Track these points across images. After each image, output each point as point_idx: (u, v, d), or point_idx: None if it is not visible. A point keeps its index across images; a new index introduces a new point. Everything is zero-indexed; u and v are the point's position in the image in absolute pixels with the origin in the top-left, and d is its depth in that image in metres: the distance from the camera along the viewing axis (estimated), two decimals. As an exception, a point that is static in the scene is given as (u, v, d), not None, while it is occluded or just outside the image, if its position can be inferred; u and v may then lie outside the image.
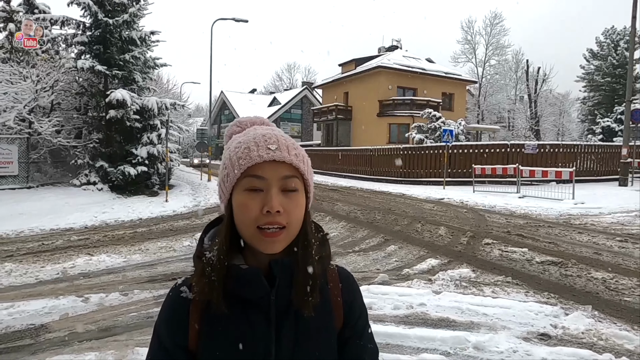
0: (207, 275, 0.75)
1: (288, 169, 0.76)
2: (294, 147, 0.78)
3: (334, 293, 0.84)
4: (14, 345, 3.39)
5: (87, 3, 12.66)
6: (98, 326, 3.77)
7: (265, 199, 0.73)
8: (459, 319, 3.83)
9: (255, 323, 0.77)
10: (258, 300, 0.77)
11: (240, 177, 0.75)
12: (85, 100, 13.97)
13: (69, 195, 11.71)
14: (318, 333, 0.80)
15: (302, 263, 0.78)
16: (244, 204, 0.74)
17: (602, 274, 5.19)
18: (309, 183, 0.80)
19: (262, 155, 0.74)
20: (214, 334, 0.77)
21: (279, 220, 0.73)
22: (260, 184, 0.74)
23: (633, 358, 3.13)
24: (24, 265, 5.69)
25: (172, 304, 0.80)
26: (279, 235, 0.73)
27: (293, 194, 0.75)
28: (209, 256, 0.77)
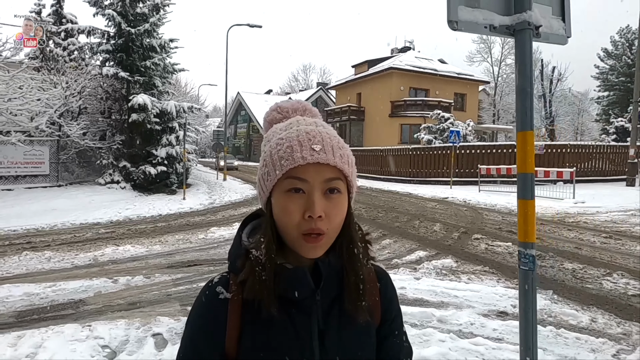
0: (257, 274, 0.72)
1: (332, 172, 0.72)
2: (339, 146, 0.74)
3: (372, 293, 0.81)
4: (59, 314, 4.14)
5: (111, 14, 13.60)
6: (126, 301, 4.51)
7: (308, 204, 0.70)
8: (431, 299, 4.43)
9: (299, 324, 0.74)
10: (302, 301, 0.74)
11: (281, 178, 0.71)
12: (109, 104, 14.94)
13: (95, 193, 12.65)
14: (360, 333, 0.78)
15: (351, 267, 0.76)
16: (285, 207, 0.71)
17: (574, 265, 5.70)
18: (352, 184, 0.77)
19: (306, 157, 0.70)
20: (256, 337, 0.74)
21: (319, 226, 0.70)
22: (303, 186, 0.71)
23: (573, 330, 3.69)
24: (60, 253, 6.51)
25: (208, 304, 0.77)
26: (320, 240, 0.71)
27: (335, 197, 0.72)
28: (256, 255, 0.74)
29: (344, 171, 0.73)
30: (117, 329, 3.69)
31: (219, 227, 8.73)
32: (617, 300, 4.42)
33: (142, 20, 14.35)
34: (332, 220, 0.71)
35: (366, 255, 0.80)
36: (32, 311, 4.22)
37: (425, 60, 32.95)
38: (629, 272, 5.33)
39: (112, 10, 13.87)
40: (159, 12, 14.74)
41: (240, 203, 12.97)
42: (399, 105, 29.90)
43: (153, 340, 3.53)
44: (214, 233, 8.07)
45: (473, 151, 18.23)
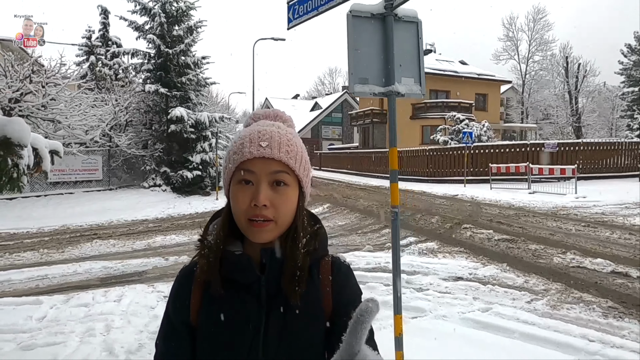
0: (205, 256, 0.83)
1: (278, 165, 0.80)
2: (287, 144, 0.82)
3: (323, 284, 0.87)
4: (130, 279, 5.69)
5: (152, 38, 15.48)
6: (176, 271, 5.94)
7: (254, 193, 0.78)
8: (407, 269, 5.69)
9: (247, 304, 0.82)
10: (250, 285, 0.82)
11: (234, 171, 0.81)
12: (150, 116, 16.84)
13: (141, 195, 14.50)
14: (305, 318, 0.83)
15: (290, 254, 0.82)
16: (235, 196, 0.81)
17: (537, 246, 6.81)
18: (302, 178, 0.84)
19: (253, 152, 0.79)
20: (211, 311, 0.83)
21: (265, 214, 0.78)
22: (251, 178, 0.79)
23: (507, 287, 4.87)
24: (121, 241, 8.17)
25: (178, 282, 0.90)
26: (266, 226, 0.79)
27: (282, 189, 0.80)
28: (209, 239, 0.85)
29: (289, 165, 0.80)
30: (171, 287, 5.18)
31: (246, 221, 10.24)
32: (555, 270, 5.56)
33: (178, 42, 16.16)
34: (278, 209, 0.79)
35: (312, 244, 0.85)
36: (111, 277, 5.80)
37: (446, 62, 33.68)
38: (582, 251, 6.40)
39: (152, 34, 15.76)
40: (192, 34, 16.51)
41: (266, 202, 14.51)
42: (419, 107, 30.82)
43: (198, 293, 4.99)
44: (242, 226, 9.59)
45: (486, 151, 19.07)
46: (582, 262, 5.81)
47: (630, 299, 4.48)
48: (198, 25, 16.67)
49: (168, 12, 16.07)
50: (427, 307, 4.23)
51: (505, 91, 52.01)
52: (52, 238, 8.68)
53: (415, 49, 2.90)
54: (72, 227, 9.90)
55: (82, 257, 7.01)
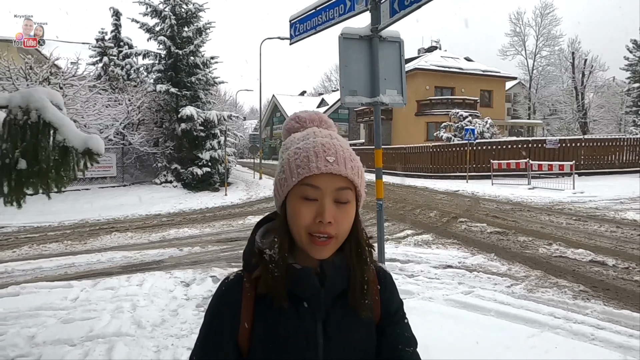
0: (270, 271, 0.80)
1: (343, 182, 0.79)
2: (351, 159, 0.81)
3: (373, 292, 0.88)
4: (149, 267, 6.25)
5: (163, 40, 16.06)
6: (190, 260, 6.58)
7: (319, 209, 0.77)
8: (401, 259, 6.20)
9: (305, 316, 0.82)
10: (308, 298, 0.82)
11: (296, 185, 0.79)
12: (161, 115, 17.45)
13: (153, 191, 15.12)
14: (360, 327, 0.85)
15: (359, 268, 0.84)
16: (298, 211, 0.79)
17: (526, 237, 7.26)
18: (361, 194, 0.84)
19: (320, 167, 0.77)
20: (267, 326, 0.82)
21: (329, 231, 0.77)
22: (315, 194, 0.78)
23: (491, 274, 5.35)
24: (138, 234, 8.76)
25: (224, 299, 0.85)
26: (328, 243, 0.78)
27: (345, 206, 0.80)
28: (269, 254, 0.81)
29: (354, 182, 0.80)
30: (188, 274, 5.73)
31: (254, 215, 10.78)
32: (538, 259, 6.02)
33: (188, 43, 16.72)
34: (340, 226, 0.79)
35: (370, 258, 0.87)
36: (131, 265, 6.37)
37: (451, 59, 33.90)
38: (567, 242, 6.84)
39: (163, 35, 16.33)
40: (201, 35, 17.06)
41: (272, 198, 15.00)
42: (424, 104, 31.13)
43: (211, 279, 5.52)
44: (251, 220, 10.13)
45: (489, 147, 19.40)
46: (565, 252, 6.27)
47: (601, 284, 4.94)
48: (207, 27, 17.21)
49: (178, 14, 16.62)
50: (415, 290, 4.73)
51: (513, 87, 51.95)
52: (73, 231, 9.30)
53: (398, 64, 3.40)
54: (90, 221, 10.52)
55: (103, 247, 7.60)
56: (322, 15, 3.70)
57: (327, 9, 3.65)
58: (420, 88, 31.23)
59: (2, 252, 7.40)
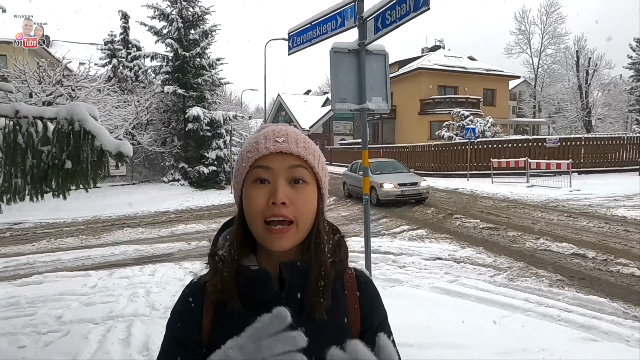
0: (219, 272, 0.75)
1: (295, 160, 0.75)
2: (303, 140, 0.78)
3: (350, 299, 0.81)
4: (160, 259, 6.71)
5: (170, 42, 16.55)
6: (198, 253, 7.04)
7: (272, 190, 0.73)
8: (395, 251, 6.61)
9: None
10: (268, 302, 0.73)
11: (248, 170, 0.75)
12: (169, 115, 17.96)
13: (161, 189, 15.64)
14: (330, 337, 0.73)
15: (315, 263, 0.76)
16: (250, 196, 0.74)
17: (515, 233, 7.63)
18: (320, 177, 0.79)
19: (269, 147, 0.74)
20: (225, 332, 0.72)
21: (284, 213, 0.72)
22: (267, 175, 0.74)
23: (476, 265, 5.74)
24: (148, 229, 9.24)
25: (186, 300, 0.81)
26: (287, 231, 0.72)
27: (301, 186, 0.75)
28: (221, 254, 0.77)
29: (308, 161, 0.75)
30: (195, 265, 6.18)
31: (258, 212, 11.24)
32: (524, 252, 6.41)
33: (194, 45, 17.19)
34: (298, 209, 0.73)
35: (336, 254, 0.80)
36: (143, 257, 6.84)
37: (454, 58, 34.13)
38: (553, 237, 7.21)
39: (170, 38, 16.82)
40: (207, 37, 17.52)
41: (277, 196, 15.51)
42: (427, 103, 31.42)
43: (217, 269, 5.98)
44: (255, 216, 10.60)
45: (490, 146, 19.70)
46: (550, 246, 6.64)
47: (578, 274, 5.32)
48: (213, 29, 17.67)
49: (184, 17, 17.10)
50: (405, 279, 5.15)
51: (518, 85, 52.01)
52: (87, 227, 9.81)
53: (383, 74, 3.81)
54: (102, 218, 11.03)
55: (116, 242, 8.09)
56: (316, 30, 4.11)
57: (321, 24, 4.06)
58: (423, 87, 31.53)
59: (23, 246, 7.92)
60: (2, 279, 5.79)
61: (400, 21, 3.21)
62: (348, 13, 3.81)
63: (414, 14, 3.05)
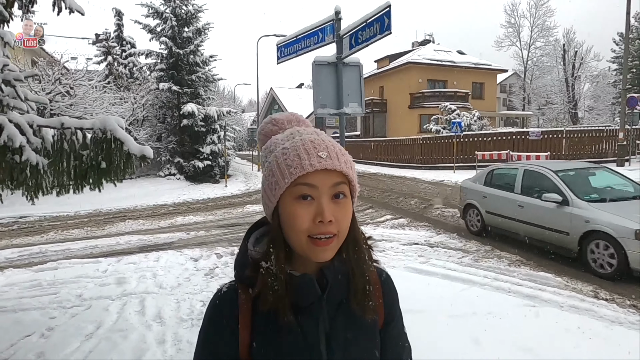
0: (270, 286, 0.75)
1: (338, 177, 0.75)
2: (342, 153, 0.78)
3: (375, 295, 0.84)
4: (162, 247, 7.33)
5: (164, 40, 17.00)
6: (197, 242, 7.66)
7: (318, 209, 0.73)
8: (376, 238, 7.25)
9: (307, 327, 0.78)
10: (309, 306, 0.78)
11: (289, 186, 0.74)
12: (164, 112, 18.44)
13: (158, 183, 16.18)
14: (365, 334, 0.82)
15: (358, 269, 0.79)
16: (294, 214, 0.74)
17: (488, 221, 8.32)
18: (355, 189, 0.80)
19: (314, 164, 0.73)
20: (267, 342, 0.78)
21: (330, 230, 0.73)
22: (311, 192, 0.74)
23: (448, 249, 6.42)
24: (149, 221, 9.83)
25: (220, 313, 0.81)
26: (331, 243, 0.74)
27: (342, 201, 0.76)
28: (266, 266, 0.76)
29: (348, 176, 0.77)
30: (195, 252, 6.80)
31: (252, 205, 11.86)
32: (493, 237, 7.10)
33: (188, 43, 17.65)
34: (340, 223, 0.75)
35: (370, 257, 0.85)
36: (147, 246, 7.44)
37: (444, 52, 34.75)
38: (522, 224, 7.90)
39: (164, 36, 17.26)
40: (201, 35, 17.98)
41: (270, 189, 16.13)
42: (417, 97, 32.05)
43: (215, 255, 6.60)
44: (249, 208, 11.21)
45: (475, 139, 20.43)
46: (517, 231, 7.34)
47: (535, 255, 6.02)
48: (206, 27, 18.13)
49: (178, 15, 17.53)
50: (382, 261, 5.77)
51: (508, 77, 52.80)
52: (90, 219, 10.38)
53: (358, 83, 4.44)
54: (103, 211, 11.59)
55: (119, 232, 8.68)
56: (301, 43, 4.71)
57: (305, 38, 4.66)
58: (413, 81, 32.15)
59: (32, 237, 8.48)
60: (19, 266, 6.37)
61: (369, 41, 3.83)
62: (328, 30, 4.42)
63: (380, 36, 3.67)
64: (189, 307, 4.34)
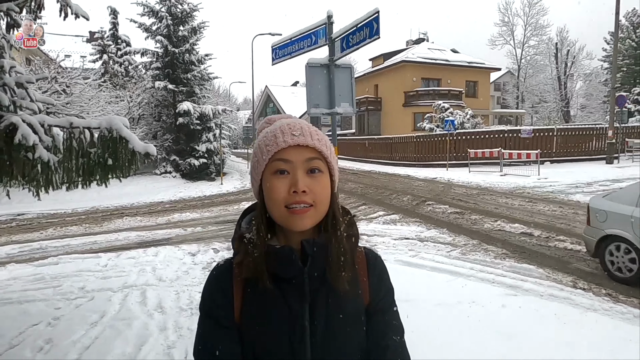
0: (250, 253, 0.84)
1: (311, 152, 0.83)
2: (316, 133, 0.86)
3: (360, 273, 0.91)
4: (160, 243, 7.51)
5: (160, 39, 17.11)
6: (194, 237, 7.85)
7: (292, 180, 0.81)
8: (369, 233, 7.50)
9: (291, 299, 0.84)
10: (292, 278, 0.84)
11: (268, 162, 0.83)
12: (159, 110, 18.55)
13: (154, 181, 16.31)
14: (348, 309, 0.87)
15: (334, 241, 0.85)
16: (272, 187, 0.82)
17: (477, 216, 8.58)
18: (332, 166, 0.87)
19: (287, 141, 0.82)
20: (254, 307, 0.86)
21: (305, 199, 0.80)
22: (286, 167, 0.82)
23: (437, 243, 6.66)
24: (146, 218, 10.01)
25: (216, 282, 0.90)
26: (307, 212, 0.81)
27: (317, 175, 0.83)
28: (249, 237, 0.85)
29: (322, 152, 0.84)
30: (193, 247, 7.00)
31: (248, 202, 12.04)
32: (480, 232, 7.35)
33: (184, 41, 17.77)
34: (316, 195, 0.81)
35: (350, 231, 0.90)
36: (145, 242, 7.62)
37: (438, 50, 35.03)
38: (509, 219, 8.17)
39: (160, 35, 17.36)
40: (196, 34, 18.10)
41: (265, 186, 16.32)
42: (411, 95, 32.32)
43: (212, 250, 6.80)
44: (245, 205, 11.34)
45: (468, 137, 20.72)
46: (504, 227, 7.60)
47: (520, 249, 6.27)
48: (201, 26, 18.25)
49: (173, 14, 17.64)
50: (374, 255, 6.04)
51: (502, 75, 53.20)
52: (87, 216, 10.53)
53: (349, 84, 4.65)
54: (100, 208, 11.74)
55: (118, 229, 8.85)
56: (295, 45, 4.92)
57: (299, 40, 4.87)
58: (407, 80, 32.40)
59: (31, 234, 8.63)
60: (20, 261, 6.53)
61: (359, 45, 4.04)
62: (321, 33, 4.63)
63: (369, 40, 3.88)
64: (188, 297, 4.54)
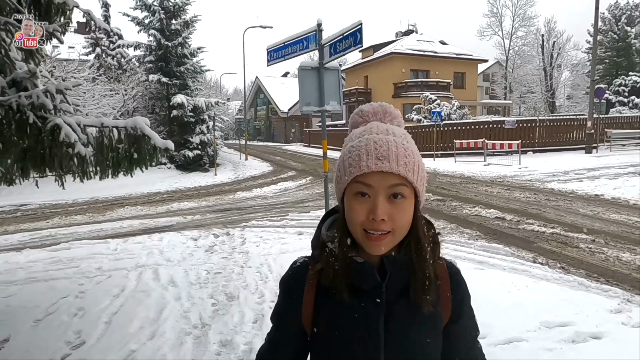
0: (331, 265, 0.84)
1: (396, 179, 0.79)
2: (404, 155, 0.81)
3: (443, 288, 0.90)
4: (163, 229, 8.05)
5: (153, 33, 17.43)
6: (194, 224, 8.42)
7: (372, 207, 0.79)
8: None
9: (367, 309, 0.84)
10: (370, 290, 0.85)
11: (349, 183, 0.82)
12: (153, 102, 18.92)
13: (150, 172, 16.67)
14: (423, 324, 0.86)
15: (419, 265, 0.84)
16: (352, 208, 0.81)
17: (457, 203, 9.26)
18: (419, 190, 0.84)
19: (370, 166, 0.79)
20: (329, 315, 0.86)
21: (383, 227, 0.79)
22: (368, 191, 0.80)
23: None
24: (146, 207, 10.53)
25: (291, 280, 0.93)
26: (383, 239, 0.80)
27: (400, 201, 0.80)
28: (331, 247, 0.86)
29: (407, 178, 0.80)
30: (194, 233, 7.57)
31: (242, 192, 12.60)
32: (458, 217, 8.03)
33: (176, 35, 18.09)
34: (396, 222, 0.80)
35: (434, 254, 0.88)
36: (149, 229, 8.17)
37: (426, 42, 35.59)
38: (487, 205, 8.85)
39: (153, 28, 17.67)
40: (189, 27, 18.42)
41: (258, 177, 16.85)
42: (400, 86, 32.93)
43: (212, 236, 7.37)
44: (240, 195, 11.97)
45: (454, 128, 21.42)
46: (480, 212, 8.29)
47: (492, 231, 6.95)
48: (194, 19, 18.56)
49: (166, 7, 17.92)
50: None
51: (491, 66, 53.95)
52: (89, 206, 11.01)
53: (337, 84, 5.23)
54: (100, 199, 12.21)
55: (120, 217, 9.37)
56: (288, 49, 5.47)
57: (292, 45, 5.42)
58: (396, 71, 32.97)
59: (38, 223, 9.12)
60: (33, 247, 7.05)
61: (345, 51, 4.62)
62: (311, 39, 5.18)
63: (353, 48, 4.46)
64: (196, 274, 5.14)
